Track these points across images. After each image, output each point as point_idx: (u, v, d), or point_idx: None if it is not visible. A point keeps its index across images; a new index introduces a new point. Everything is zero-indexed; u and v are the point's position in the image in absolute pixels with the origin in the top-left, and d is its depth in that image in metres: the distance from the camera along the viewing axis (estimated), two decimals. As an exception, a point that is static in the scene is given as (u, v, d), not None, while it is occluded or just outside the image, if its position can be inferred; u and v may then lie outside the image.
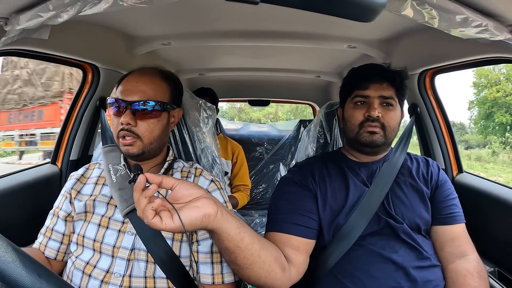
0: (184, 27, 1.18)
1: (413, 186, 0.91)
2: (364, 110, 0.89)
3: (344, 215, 0.85)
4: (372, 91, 0.88)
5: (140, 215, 0.57)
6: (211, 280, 0.78)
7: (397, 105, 0.91)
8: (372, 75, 0.90)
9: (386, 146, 0.92)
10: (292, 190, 0.90)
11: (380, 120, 0.87)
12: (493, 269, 1.02)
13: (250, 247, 0.66)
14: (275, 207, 0.90)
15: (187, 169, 0.90)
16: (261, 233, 1.76)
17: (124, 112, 0.78)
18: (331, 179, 0.91)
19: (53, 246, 0.84)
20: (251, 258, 0.66)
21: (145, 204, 0.56)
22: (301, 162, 1.03)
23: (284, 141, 2.43)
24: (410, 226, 0.84)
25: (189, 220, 0.57)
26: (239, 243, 0.64)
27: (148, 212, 0.55)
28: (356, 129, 0.89)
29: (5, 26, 0.65)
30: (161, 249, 0.78)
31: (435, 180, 0.93)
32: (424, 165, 0.97)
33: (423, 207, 0.88)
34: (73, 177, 0.89)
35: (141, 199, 0.56)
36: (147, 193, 0.57)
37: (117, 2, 0.54)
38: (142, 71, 0.84)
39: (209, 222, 0.59)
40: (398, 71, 0.93)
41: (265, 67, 1.88)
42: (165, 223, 0.55)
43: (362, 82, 0.90)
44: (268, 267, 0.70)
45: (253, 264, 0.67)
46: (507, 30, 0.64)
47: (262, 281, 0.70)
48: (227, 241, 0.63)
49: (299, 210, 0.85)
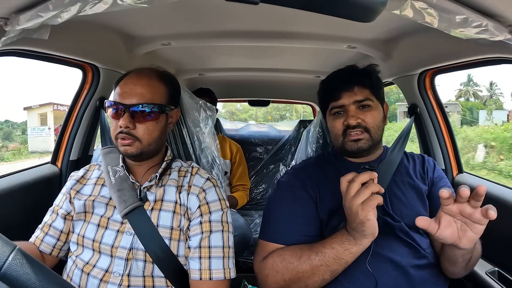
0: (184, 27, 1.18)
1: (410, 184, 0.91)
2: (343, 119, 0.88)
3: (341, 215, 0.84)
4: (345, 99, 0.88)
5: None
6: (199, 275, 0.77)
7: (376, 102, 0.90)
8: (340, 83, 0.90)
9: (375, 146, 0.92)
10: (292, 196, 0.88)
11: (362, 124, 0.87)
12: (493, 269, 1.02)
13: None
14: (274, 214, 0.88)
15: (185, 169, 0.90)
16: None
17: (122, 115, 0.78)
18: (329, 181, 0.89)
19: (49, 242, 0.84)
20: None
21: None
22: (298, 165, 1.02)
23: (284, 142, 2.44)
24: (408, 224, 0.84)
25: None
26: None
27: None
28: (340, 138, 0.89)
29: (5, 26, 0.64)
30: (159, 249, 0.78)
31: (430, 177, 0.93)
32: (420, 163, 0.97)
33: (421, 205, 0.88)
34: (73, 178, 0.89)
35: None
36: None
37: (117, 2, 0.54)
38: (139, 73, 0.84)
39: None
40: (366, 71, 0.91)
41: (265, 67, 1.88)
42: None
43: (333, 93, 0.90)
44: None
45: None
46: (507, 30, 0.64)
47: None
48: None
49: (302, 218, 0.85)
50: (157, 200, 0.83)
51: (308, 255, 0.76)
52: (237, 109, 26.99)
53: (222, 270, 0.78)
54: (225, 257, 0.80)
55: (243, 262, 1.63)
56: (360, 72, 0.91)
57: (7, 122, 26.08)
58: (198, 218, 0.81)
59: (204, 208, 0.82)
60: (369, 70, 0.92)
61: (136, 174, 0.87)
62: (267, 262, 0.80)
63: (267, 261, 0.80)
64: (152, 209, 0.82)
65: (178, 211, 0.82)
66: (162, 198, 0.83)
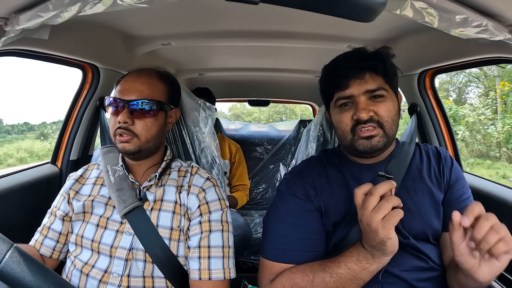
0: (184, 27, 1.18)
1: (423, 190, 0.78)
2: (352, 112, 0.74)
3: (344, 227, 0.77)
4: (354, 88, 0.73)
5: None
6: (198, 275, 0.77)
7: (390, 92, 0.76)
8: (349, 69, 0.74)
9: (390, 144, 0.78)
10: (295, 208, 0.78)
11: (374, 118, 0.73)
12: (493, 269, 1.01)
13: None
14: (277, 229, 0.78)
15: (185, 168, 0.90)
16: (261, 233, 1.77)
17: (121, 111, 0.79)
18: (333, 189, 0.80)
19: (48, 245, 0.84)
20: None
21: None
22: (296, 168, 0.89)
23: (284, 141, 2.43)
24: (418, 237, 0.75)
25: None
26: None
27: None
28: (349, 136, 0.75)
29: (5, 26, 0.64)
30: (159, 249, 0.78)
31: (447, 179, 0.80)
32: (435, 161, 0.83)
33: (434, 215, 0.77)
34: (72, 178, 0.89)
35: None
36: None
37: (116, 2, 0.54)
38: (140, 72, 0.85)
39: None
40: (379, 54, 0.77)
41: (265, 67, 1.88)
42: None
43: (340, 81, 0.75)
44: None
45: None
46: (507, 30, 0.64)
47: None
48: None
49: (308, 233, 0.76)
50: (156, 200, 0.83)
51: (322, 277, 0.68)
52: (242, 112, 28.03)
53: (222, 270, 0.78)
54: (225, 257, 0.80)
55: (243, 262, 1.63)
56: (372, 56, 0.76)
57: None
58: (198, 218, 0.81)
59: (204, 208, 0.82)
60: (383, 54, 0.76)
61: (136, 174, 0.87)
62: (276, 287, 0.73)
63: (276, 286, 0.73)
64: (151, 209, 0.81)
65: (178, 211, 0.82)
66: (162, 198, 0.83)
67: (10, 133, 14.09)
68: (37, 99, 30.38)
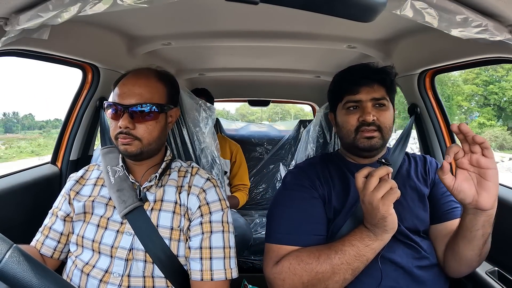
0: (184, 27, 1.18)
1: (411, 187, 0.90)
2: (358, 114, 0.86)
3: (343, 216, 0.85)
4: (364, 94, 0.86)
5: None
6: (200, 276, 0.77)
7: (389, 103, 0.89)
8: (361, 78, 0.88)
9: (384, 147, 0.92)
10: (301, 195, 0.86)
11: (376, 122, 0.85)
12: (493, 269, 1.02)
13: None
14: (283, 215, 0.85)
15: (185, 169, 0.90)
16: (261, 233, 1.78)
17: (122, 115, 0.78)
18: (334, 181, 0.90)
19: (49, 245, 0.85)
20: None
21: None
22: (302, 164, 1.00)
23: (284, 141, 2.44)
24: (408, 228, 0.83)
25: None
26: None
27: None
28: (352, 135, 0.87)
29: (5, 26, 0.64)
30: (159, 249, 0.78)
31: (432, 178, 0.93)
32: (422, 164, 0.96)
33: (421, 208, 0.88)
34: (72, 179, 0.89)
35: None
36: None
37: (117, 2, 0.54)
38: (138, 73, 0.84)
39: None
40: (386, 70, 0.91)
41: (265, 67, 1.88)
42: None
43: (352, 87, 0.88)
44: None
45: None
46: (507, 30, 0.64)
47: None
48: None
49: (313, 217, 0.84)
50: (156, 200, 0.83)
51: (327, 254, 0.74)
52: (247, 112, 29.24)
53: (223, 271, 0.78)
54: (226, 258, 0.80)
55: (243, 262, 1.63)
56: (381, 71, 0.90)
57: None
58: (199, 219, 0.81)
59: (205, 209, 0.82)
60: (390, 72, 0.91)
61: (136, 174, 0.87)
62: (282, 266, 0.77)
63: (283, 264, 0.77)
64: (152, 209, 0.81)
65: (178, 211, 0.82)
66: (162, 198, 0.83)
67: (45, 128, 14.00)
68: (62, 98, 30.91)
